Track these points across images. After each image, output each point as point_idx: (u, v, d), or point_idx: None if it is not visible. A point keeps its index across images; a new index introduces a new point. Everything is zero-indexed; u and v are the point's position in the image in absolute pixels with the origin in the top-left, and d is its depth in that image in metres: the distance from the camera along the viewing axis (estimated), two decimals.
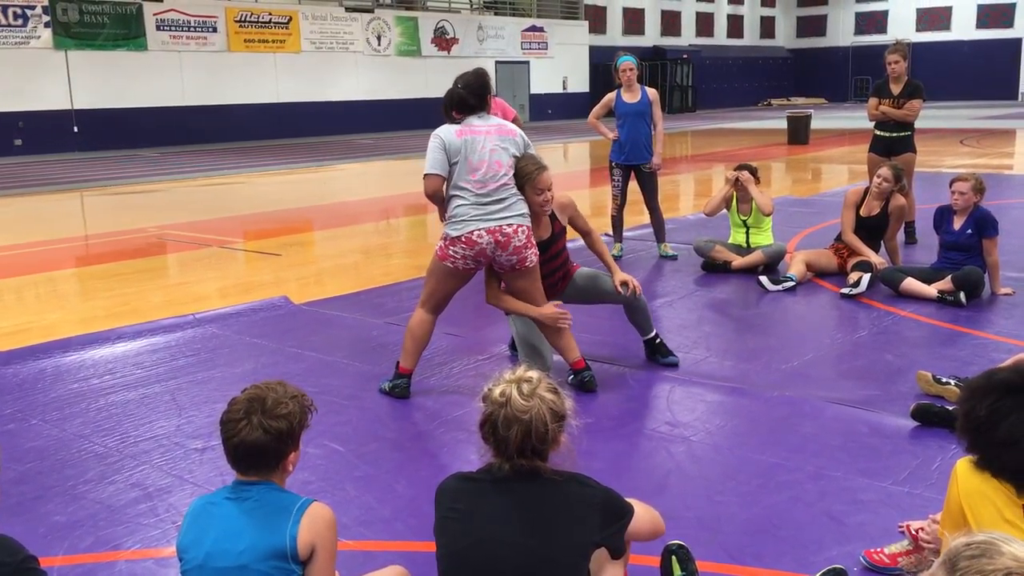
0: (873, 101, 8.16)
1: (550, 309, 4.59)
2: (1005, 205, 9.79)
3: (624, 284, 4.79)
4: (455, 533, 2.24)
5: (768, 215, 7.29)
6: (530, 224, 4.51)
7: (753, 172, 7.37)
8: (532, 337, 4.75)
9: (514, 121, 7.94)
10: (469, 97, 4.49)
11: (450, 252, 4.44)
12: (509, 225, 4.39)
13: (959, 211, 6.29)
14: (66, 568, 3.02)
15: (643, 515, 2.43)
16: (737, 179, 7.30)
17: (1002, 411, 2.29)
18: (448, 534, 2.26)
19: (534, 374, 2.27)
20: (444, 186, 4.46)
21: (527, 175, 4.49)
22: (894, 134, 8.08)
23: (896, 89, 7.98)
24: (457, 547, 2.23)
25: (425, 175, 4.42)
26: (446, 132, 4.43)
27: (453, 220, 4.43)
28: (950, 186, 6.36)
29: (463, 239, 4.39)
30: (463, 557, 2.22)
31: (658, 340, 5.03)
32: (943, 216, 6.41)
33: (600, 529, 2.24)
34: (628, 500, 2.38)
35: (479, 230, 4.36)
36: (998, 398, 2.30)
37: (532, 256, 4.49)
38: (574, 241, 5.20)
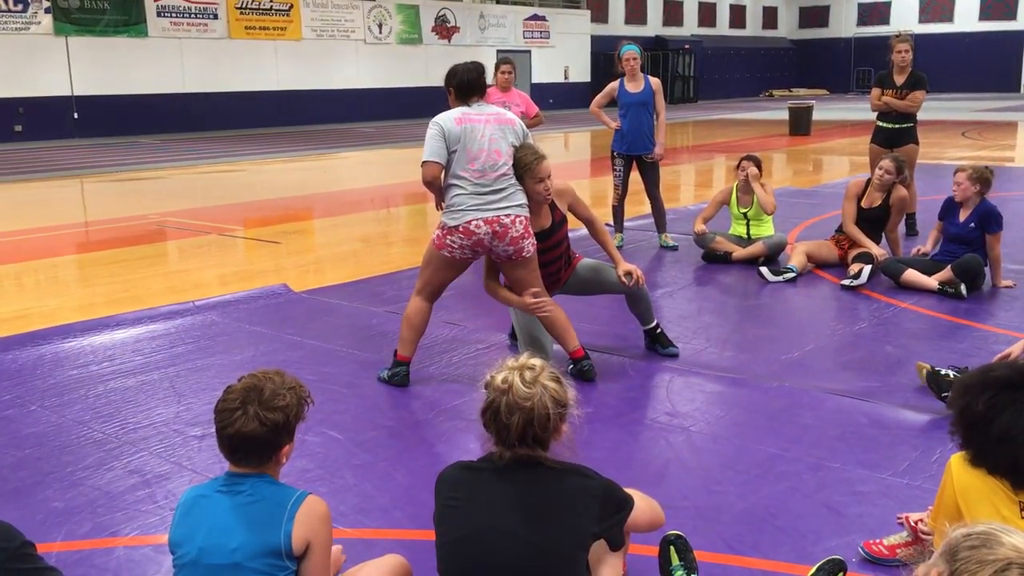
0: (876, 92, 8.10)
1: (528, 299, 4.56)
2: (1006, 197, 9.77)
3: (628, 274, 4.78)
4: (454, 522, 2.23)
5: (770, 214, 7.26)
6: (528, 214, 4.50)
7: (757, 164, 7.34)
8: (532, 326, 4.74)
9: (535, 117, 7.98)
10: (480, 78, 4.49)
11: (448, 241, 4.43)
12: (507, 215, 4.38)
13: (964, 203, 6.27)
14: (64, 554, 3.02)
15: (643, 507, 2.42)
16: (745, 173, 7.25)
17: (998, 407, 2.28)
18: (447, 523, 2.25)
19: (537, 362, 2.25)
20: (442, 174, 4.45)
21: (526, 164, 4.47)
22: (896, 125, 8.03)
23: (899, 80, 7.93)
24: (456, 536, 2.22)
25: (424, 162, 4.41)
26: (445, 120, 4.42)
27: (451, 209, 4.41)
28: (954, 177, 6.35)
29: (461, 229, 4.37)
30: (462, 546, 2.21)
31: (659, 330, 5.02)
32: (950, 207, 6.39)
33: (599, 521, 2.23)
34: (628, 491, 2.37)
35: (477, 220, 4.35)
36: (994, 394, 2.29)
37: (529, 246, 4.48)
38: (576, 230, 5.19)
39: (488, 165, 4.37)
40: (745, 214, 7.38)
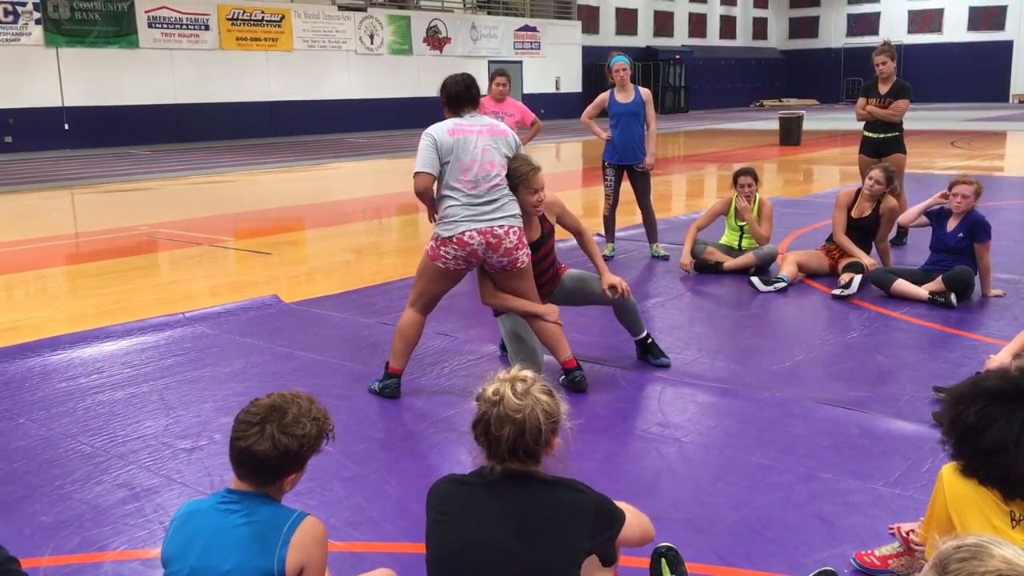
0: (861, 101, 8.20)
1: (547, 306, 4.58)
2: (995, 207, 9.81)
3: (612, 287, 4.77)
4: (444, 537, 2.22)
5: (762, 245, 7.25)
6: (522, 225, 4.50)
7: (754, 177, 7.32)
8: (523, 337, 4.73)
9: (532, 124, 8.12)
10: (469, 90, 4.50)
11: (441, 252, 4.42)
12: (500, 226, 4.37)
13: (955, 213, 6.28)
14: (52, 569, 3.00)
15: (633, 522, 2.40)
16: (744, 189, 7.25)
17: (989, 418, 2.27)
18: (438, 538, 2.23)
19: (528, 374, 2.24)
20: (435, 185, 4.44)
21: (522, 175, 4.47)
22: (882, 135, 8.09)
23: (884, 89, 8.01)
24: (446, 551, 2.20)
25: (416, 173, 4.40)
26: (438, 131, 4.42)
27: (444, 220, 4.41)
28: (950, 188, 6.32)
29: (454, 240, 4.37)
30: (452, 562, 2.19)
31: (650, 340, 5.02)
32: (939, 216, 6.39)
33: (591, 536, 2.21)
34: (619, 504, 2.36)
35: (470, 231, 4.34)
36: (985, 405, 2.29)
37: (524, 257, 4.48)
38: (565, 241, 5.18)
39: (481, 176, 4.37)
40: (742, 227, 7.38)
